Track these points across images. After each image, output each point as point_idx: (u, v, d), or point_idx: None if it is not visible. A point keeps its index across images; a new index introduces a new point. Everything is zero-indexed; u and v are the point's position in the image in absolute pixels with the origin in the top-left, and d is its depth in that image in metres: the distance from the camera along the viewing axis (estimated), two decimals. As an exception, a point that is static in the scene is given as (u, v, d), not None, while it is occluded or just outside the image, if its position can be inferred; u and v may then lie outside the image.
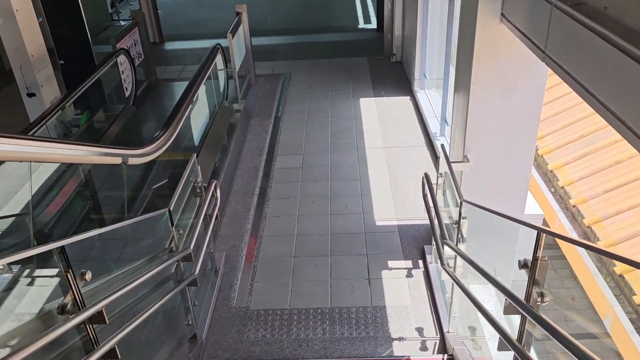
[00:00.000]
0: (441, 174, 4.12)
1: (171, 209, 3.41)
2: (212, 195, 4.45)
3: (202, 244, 3.90)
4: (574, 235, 6.92)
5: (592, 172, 7.14)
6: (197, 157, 5.61)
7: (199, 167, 4.18)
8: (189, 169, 3.89)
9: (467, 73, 3.95)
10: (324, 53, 9.83)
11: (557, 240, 4.20)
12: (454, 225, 3.57)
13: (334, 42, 10.55)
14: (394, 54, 9.15)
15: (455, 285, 3.61)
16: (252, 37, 8.43)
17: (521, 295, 2.22)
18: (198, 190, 4.33)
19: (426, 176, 4.26)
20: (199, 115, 6.12)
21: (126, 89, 7.24)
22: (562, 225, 6.96)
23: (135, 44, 7.96)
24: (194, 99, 5.64)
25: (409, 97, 7.86)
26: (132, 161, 3.88)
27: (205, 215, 4.33)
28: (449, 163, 3.81)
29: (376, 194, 5.68)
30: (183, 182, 3.75)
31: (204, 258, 4.63)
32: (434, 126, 6.74)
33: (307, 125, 7.25)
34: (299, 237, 5.11)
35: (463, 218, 3.40)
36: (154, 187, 4.97)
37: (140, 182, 5.54)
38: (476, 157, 4.17)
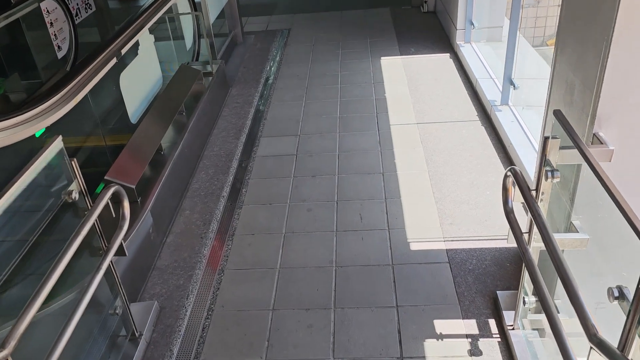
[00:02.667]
0: (552, 170, 2.05)
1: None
2: (122, 214, 2.46)
3: (73, 315, 1.92)
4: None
5: None
6: (130, 139, 3.67)
7: (74, 162, 2.17)
8: (33, 166, 1.89)
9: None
10: (333, 5, 7.72)
11: None
12: (612, 299, 1.52)
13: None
14: (425, 2, 7.04)
15: None
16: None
17: None
18: (83, 207, 2.34)
19: (514, 174, 2.19)
20: (140, 79, 4.12)
21: (58, 47, 5.24)
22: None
23: (79, -10, 5.93)
24: (124, 51, 3.63)
25: (448, 55, 5.75)
26: None
27: (93, 247, 2.36)
28: (583, 149, 1.74)
29: (409, 197, 3.63)
30: (12, 191, 1.77)
31: (110, 321, 2.67)
32: (489, 91, 4.63)
33: (307, 94, 5.20)
34: (284, 273, 3.11)
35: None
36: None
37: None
38: (617, 134, 2.09)
